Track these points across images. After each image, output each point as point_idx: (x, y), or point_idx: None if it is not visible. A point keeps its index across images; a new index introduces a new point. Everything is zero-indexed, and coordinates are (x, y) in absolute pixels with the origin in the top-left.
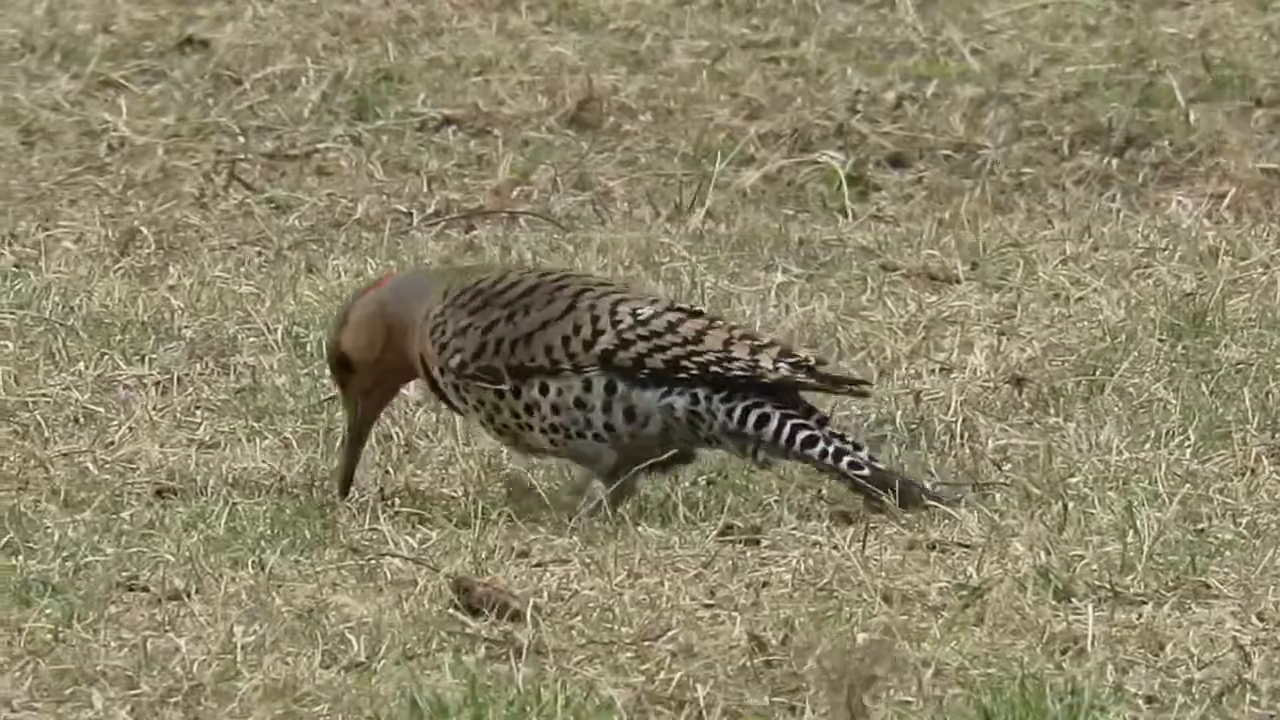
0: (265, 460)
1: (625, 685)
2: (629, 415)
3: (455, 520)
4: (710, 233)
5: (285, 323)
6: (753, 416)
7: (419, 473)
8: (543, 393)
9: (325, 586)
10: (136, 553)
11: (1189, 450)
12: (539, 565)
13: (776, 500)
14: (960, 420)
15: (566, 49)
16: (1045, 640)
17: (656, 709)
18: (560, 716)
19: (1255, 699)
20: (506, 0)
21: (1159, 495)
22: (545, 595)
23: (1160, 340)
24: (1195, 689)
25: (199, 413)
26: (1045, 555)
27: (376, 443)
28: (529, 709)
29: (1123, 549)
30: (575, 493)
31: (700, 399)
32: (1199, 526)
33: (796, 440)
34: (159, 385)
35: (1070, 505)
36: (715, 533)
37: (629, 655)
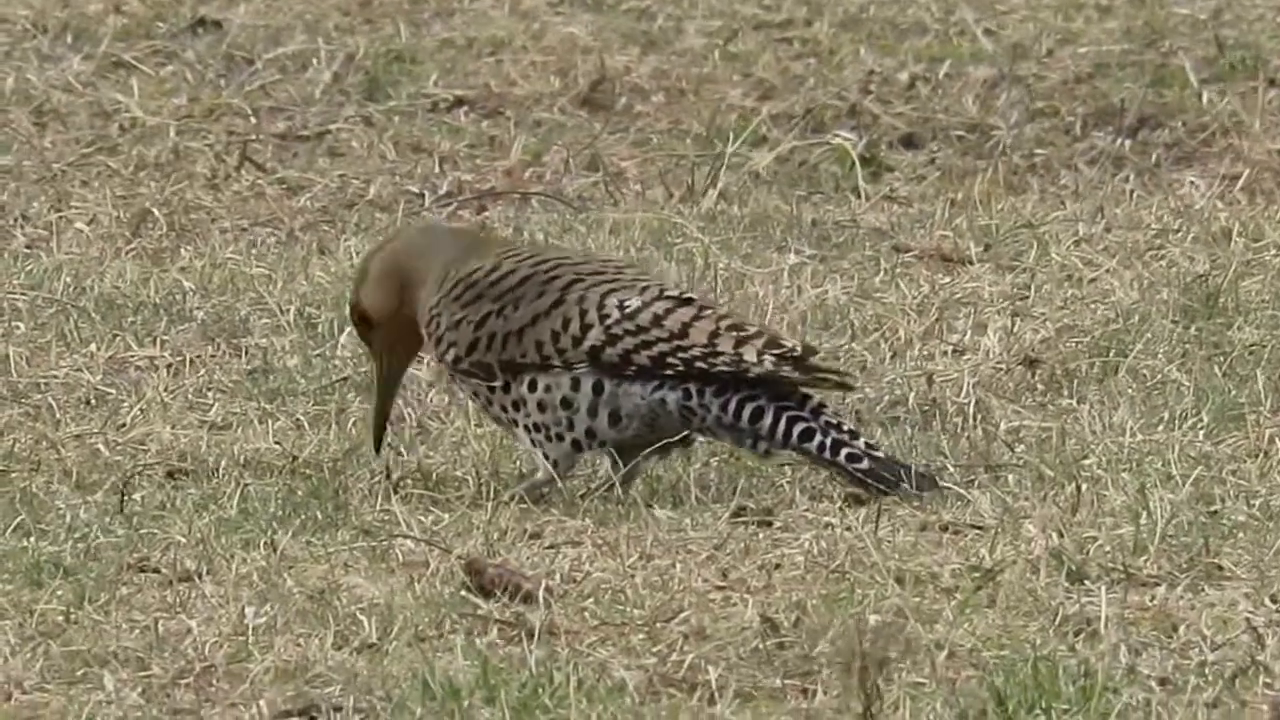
0: (277, 441)
1: (637, 667)
2: (613, 419)
3: (467, 502)
4: (723, 214)
5: (297, 304)
6: (747, 410)
7: (431, 454)
8: (531, 389)
9: (337, 568)
10: (148, 534)
11: (1202, 432)
12: (551, 547)
13: (789, 482)
14: (973, 402)
15: (579, 29)
16: (1058, 622)
17: (669, 691)
18: (572, 698)
19: (1269, 680)
20: None
21: (1172, 477)
22: (557, 577)
23: (1173, 322)
24: (1208, 671)
25: (211, 394)
26: (1058, 537)
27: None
28: (541, 691)
29: (1136, 531)
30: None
31: (692, 393)
32: (1212, 508)
33: (793, 434)
34: (170, 367)
35: (1083, 487)
36: (727, 515)
37: (641, 637)
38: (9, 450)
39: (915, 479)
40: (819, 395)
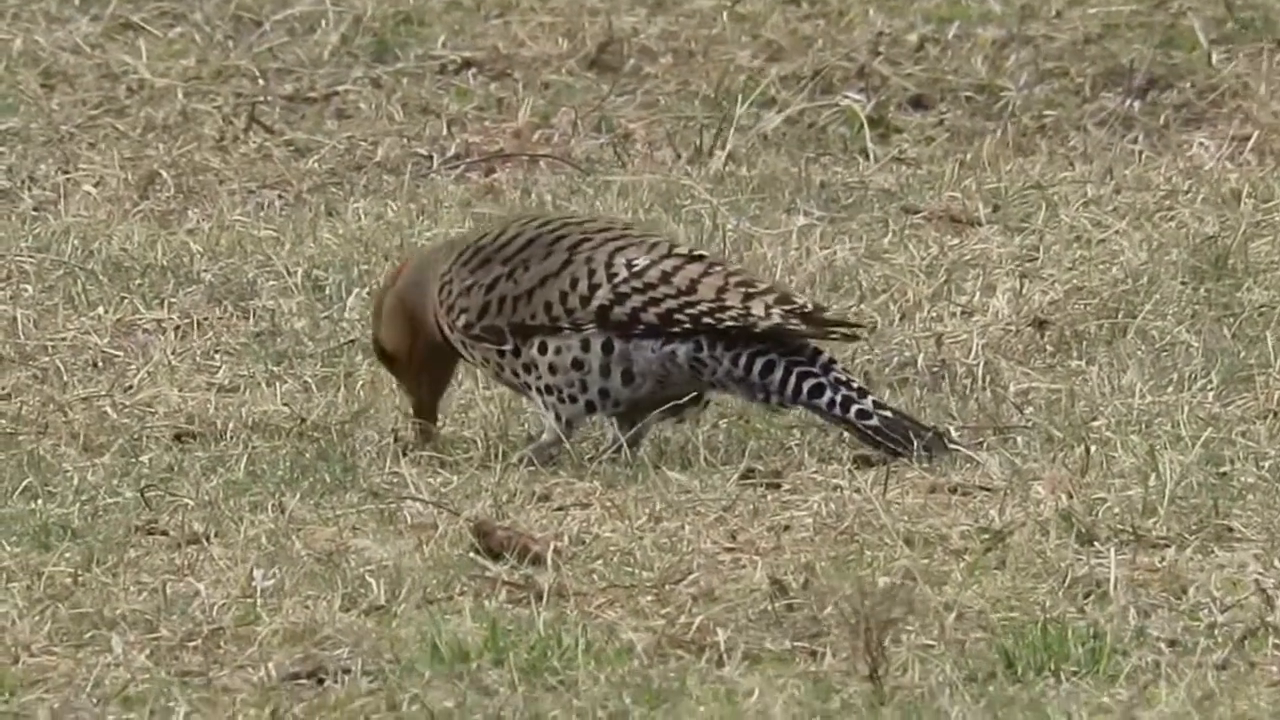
0: (285, 404)
1: (646, 629)
2: (626, 377)
3: (476, 464)
4: (731, 175)
5: (305, 266)
6: (758, 364)
7: (439, 417)
8: (542, 352)
9: (345, 530)
10: (156, 497)
11: (1211, 393)
12: (560, 509)
13: (798, 444)
14: (982, 363)
15: None
16: (1067, 584)
17: (677, 652)
18: (581, 660)
19: (1278, 642)
20: None
21: (1181, 438)
22: (566, 539)
23: (1182, 283)
24: (1218, 632)
25: (218, 356)
26: (1067, 499)
27: (397, 386)
28: (549, 653)
29: (1145, 492)
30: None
31: (704, 345)
32: (1221, 470)
33: (804, 389)
34: (178, 329)
35: (1092, 449)
36: (736, 476)
37: (650, 599)
38: (17, 413)
39: (925, 439)
40: (829, 351)
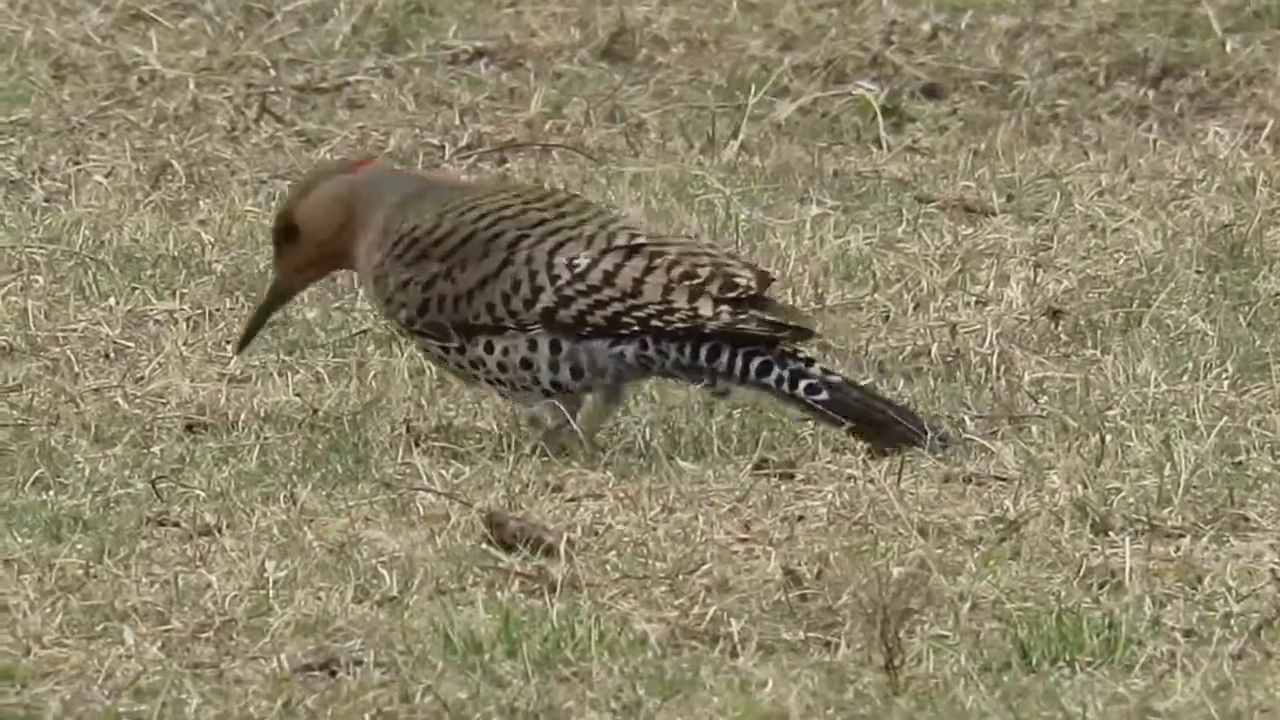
0: (297, 394)
1: (659, 620)
2: (576, 373)
3: (488, 455)
4: (744, 165)
5: None
6: (704, 349)
7: (451, 407)
8: (488, 350)
9: (357, 521)
10: (167, 488)
11: (1227, 382)
12: (573, 500)
13: (811, 434)
14: (996, 353)
15: None
16: (1082, 574)
17: (690, 643)
18: (594, 651)
19: None
20: None
21: (1197, 428)
22: (579, 530)
23: (1198, 272)
24: (1233, 622)
25: (230, 347)
26: (1082, 488)
27: (409, 377)
28: (563, 644)
29: (1160, 482)
30: (532, 423)
31: (649, 344)
32: (1237, 459)
33: (751, 369)
34: (190, 320)
35: (1107, 438)
36: (750, 467)
37: (663, 590)
38: (28, 404)
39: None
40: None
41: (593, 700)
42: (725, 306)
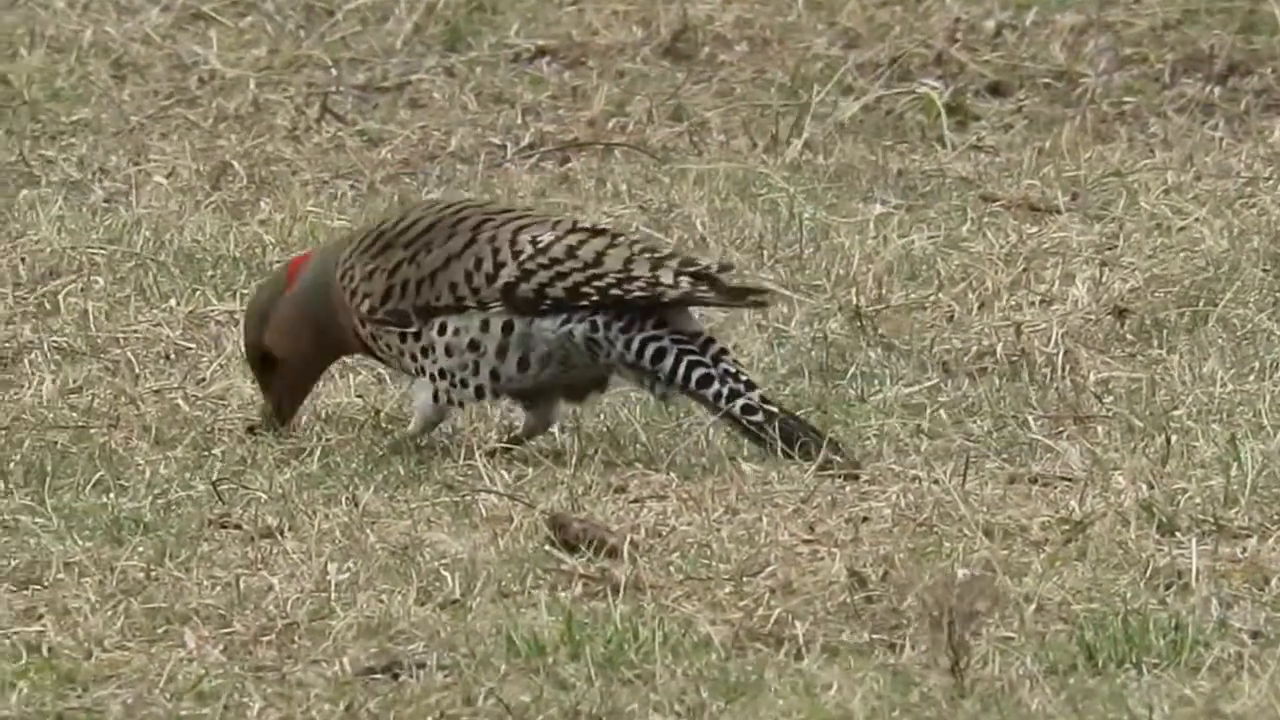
0: (359, 395)
1: (723, 622)
2: (522, 364)
3: (551, 456)
4: (808, 164)
5: None
6: (650, 350)
7: (514, 409)
8: (440, 333)
9: (420, 523)
10: (229, 490)
11: None
12: (636, 501)
13: (875, 435)
14: (1062, 352)
15: None
16: (1148, 575)
17: (755, 645)
18: (658, 653)
19: None
20: None
21: (1263, 427)
22: (642, 531)
23: (1264, 270)
24: None
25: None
26: (1148, 489)
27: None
28: (626, 646)
29: (1226, 482)
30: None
31: (599, 325)
32: None
33: (692, 379)
34: None
35: (1173, 438)
36: (814, 468)
37: (727, 591)
38: (89, 406)
39: (807, 443)
40: (721, 343)
41: (656, 703)
42: (686, 278)
